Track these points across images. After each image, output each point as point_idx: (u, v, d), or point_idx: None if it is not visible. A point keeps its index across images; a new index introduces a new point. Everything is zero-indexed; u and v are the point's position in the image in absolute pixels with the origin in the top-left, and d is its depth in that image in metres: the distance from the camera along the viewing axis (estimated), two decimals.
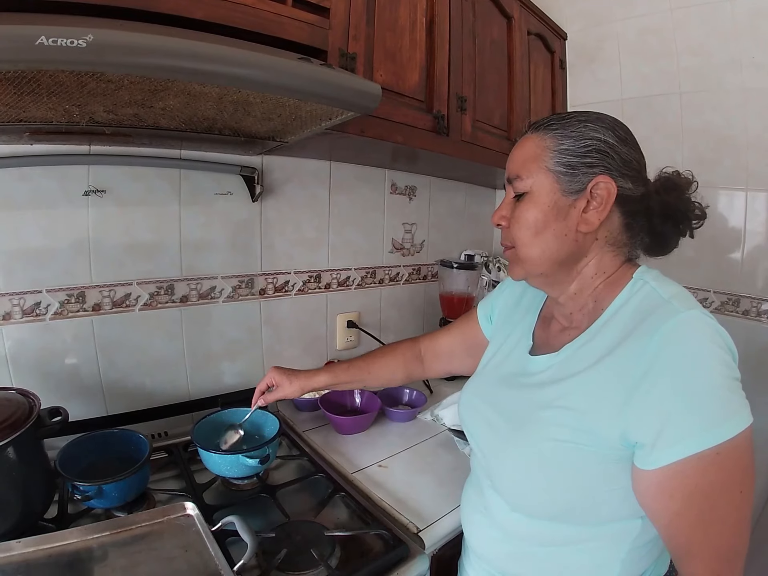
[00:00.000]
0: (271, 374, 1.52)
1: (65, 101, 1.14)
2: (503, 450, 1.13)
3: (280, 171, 2.10)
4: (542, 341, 1.22)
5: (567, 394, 1.02)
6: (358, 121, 1.55)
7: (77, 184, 1.62)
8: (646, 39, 2.62)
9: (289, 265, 2.21)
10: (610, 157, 1.02)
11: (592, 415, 0.96)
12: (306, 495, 1.58)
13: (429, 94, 1.92)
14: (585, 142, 1.03)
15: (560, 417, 1.01)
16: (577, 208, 1.04)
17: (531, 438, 1.05)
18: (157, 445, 1.73)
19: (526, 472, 1.06)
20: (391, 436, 1.95)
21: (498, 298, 1.49)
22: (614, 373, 0.94)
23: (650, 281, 1.02)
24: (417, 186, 2.75)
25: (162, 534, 1.19)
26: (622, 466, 0.95)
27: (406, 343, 1.68)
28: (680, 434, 0.84)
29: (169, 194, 1.82)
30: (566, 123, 1.06)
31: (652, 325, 0.92)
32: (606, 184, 1.01)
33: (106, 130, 1.42)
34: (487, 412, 1.22)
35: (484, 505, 1.22)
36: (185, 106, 1.26)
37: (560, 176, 1.04)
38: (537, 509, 1.07)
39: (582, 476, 0.98)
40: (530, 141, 1.10)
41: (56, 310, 1.62)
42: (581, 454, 0.97)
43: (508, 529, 1.15)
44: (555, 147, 1.05)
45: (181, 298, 1.89)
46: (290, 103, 1.26)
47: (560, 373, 1.07)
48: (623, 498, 0.97)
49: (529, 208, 1.07)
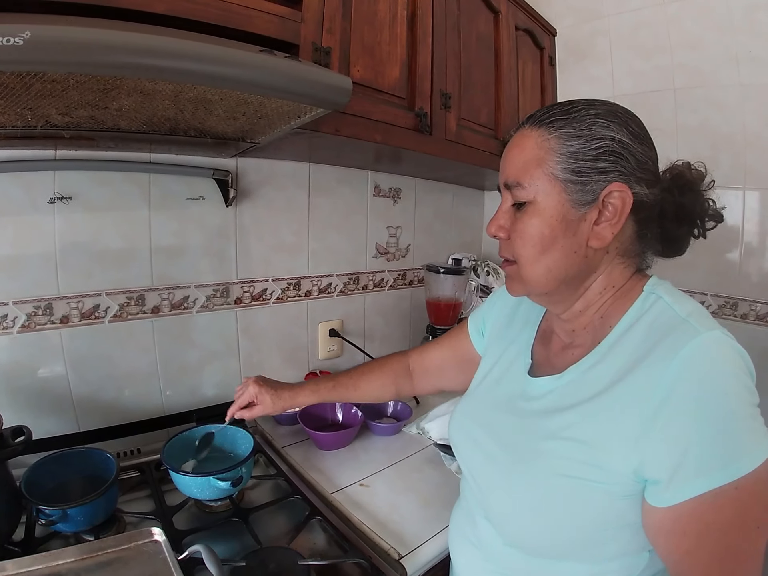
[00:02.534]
0: (253, 389, 1.42)
1: (14, 104, 1.07)
2: (502, 484, 1.04)
3: (255, 173, 2.02)
4: (542, 360, 1.13)
5: (574, 424, 0.93)
6: (331, 119, 1.48)
7: (43, 191, 1.55)
8: (639, 34, 2.56)
9: (267, 272, 2.12)
10: (624, 160, 0.91)
11: (602, 448, 0.87)
12: (281, 518, 1.50)
13: (411, 91, 1.84)
14: (597, 143, 0.91)
15: (567, 450, 0.92)
16: (587, 221, 0.93)
17: (534, 473, 0.97)
18: (129, 464, 1.66)
19: (528, 510, 0.97)
20: (374, 452, 1.88)
21: (490, 310, 1.40)
22: (628, 401, 0.85)
23: (664, 296, 0.93)
24: (401, 188, 2.67)
25: (128, 561, 1.12)
26: (632, 501, 0.86)
27: (395, 357, 1.61)
28: (699, 469, 0.76)
29: (138, 200, 1.74)
30: (573, 118, 0.93)
31: (670, 347, 0.83)
32: (621, 193, 0.90)
33: (64, 134, 1.35)
34: (483, 439, 1.13)
35: (476, 536, 1.14)
36: (141, 106, 1.18)
37: (569, 185, 0.92)
38: (538, 548, 0.99)
39: (589, 514, 0.89)
40: (530, 140, 0.97)
41: (23, 322, 1.55)
42: (589, 491, 0.88)
43: (503, 564, 1.07)
44: (562, 150, 0.92)
45: (152, 308, 1.81)
46: (252, 100, 1.18)
47: (565, 398, 0.98)
48: (632, 534, 0.89)
49: (534, 223, 0.95)
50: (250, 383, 1.43)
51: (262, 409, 1.42)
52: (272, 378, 1.51)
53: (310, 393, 1.46)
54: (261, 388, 1.42)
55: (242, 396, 1.42)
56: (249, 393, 1.42)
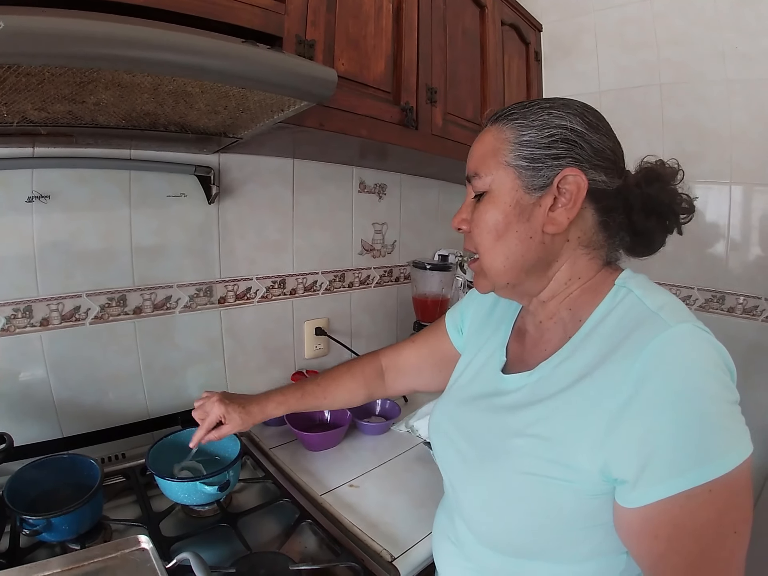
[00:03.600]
0: (219, 409, 1.33)
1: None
2: (471, 481, 1.03)
3: (238, 170, 1.99)
4: (516, 357, 1.12)
5: (540, 420, 0.91)
6: (316, 113, 1.46)
7: (20, 190, 1.51)
8: (625, 30, 2.57)
9: (251, 271, 2.09)
10: (578, 147, 0.92)
11: (568, 445, 0.85)
12: (270, 522, 1.47)
13: (396, 85, 1.81)
14: (549, 131, 0.93)
15: (533, 447, 0.90)
16: (542, 206, 0.94)
17: (501, 470, 0.95)
18: (114, 469, 1.63)
19: (495, 509, 0.96)
20: (363, 451, 1.86)
21: (468, 307, 1.39)
22: (594, 397, 0.83)
23: (635, 289, 0.91)
24: (387, 184, 2.64)
25: (115, 570, 1.09)
26: (602, 500, 0.84)
27: (365, 359, 1.57)
28: (668, 470, 0.74)
29: (118, 198, 1.70)
30: (527, 111, 0.97)
31: (638, 341, 0.81)
32: (575, 177, 0.91)
33: (41, 130, 1.30)
34: (456, 436, 1.12)
35: (454, 534, 1.13)
36: (120, 100, 1.14)
37: (522, 171, 0.94)
38: (508, 547, 0.97)
39: (557, 514, 0.87)
40: (489, 134, 1.01)
41: (3, 326, 1.51)
42: (555, 490, 0.86)
43: (479, 562, 1.05)
44: (515, 139, 0.96)
45: (134, 309, 1.77)
46: (234, 93, 1.14)
47: (534, 394, 0.96)
48: (605, 534, 0.86)
49: (489, 209, 0.98)
50: (215, 403, 1.34)
51: (231, 428, 1.34)
52: (259, 377, 1.48)
53: (277, 405, 1.40)
54: (228, 407, 1.33)
55: (209, 419, 1.34)
56: (215, 414, 1.33)
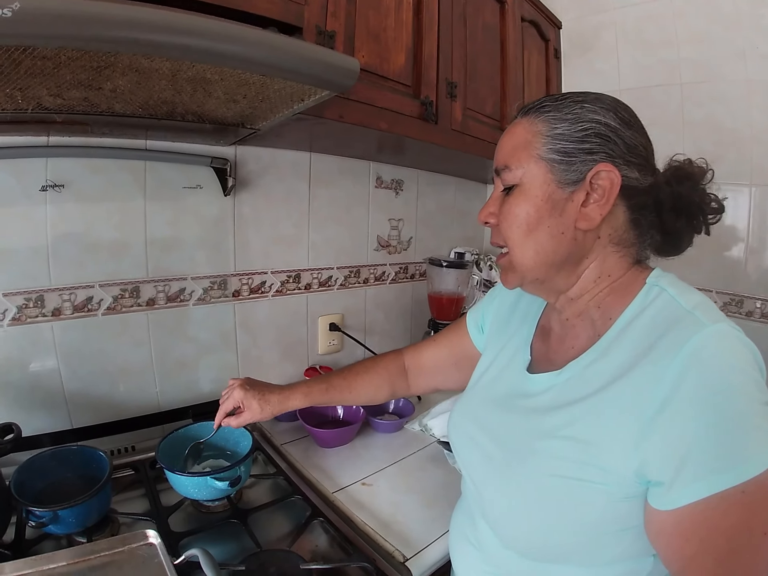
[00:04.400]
0: (238, 394, 1.31)
1: (3, 84, 1.01)
2: (497, 484, 1.01)
3: (255, 162, 1.97)
4: (541, 356, 1.10)
5: (573, 422, 0.89)
6: (335, 104, 1.44)
7: (34, 179, 1.50)
8: (645, 28, 2.53)
9: (266, 265, 2.07)
10: (612, 142, 0.90)
11: (602, 448, 0.83)
12: (281, 519, 1.45)
13: (416, 79, 1.79)
14: (582, 125, 0.91)
15: (564, 449, 0.88)
16: (574, 201, 0.92)
17: (530, 472, 0.93)
18: (123, 462, 1.61)
19: (523, 511, 0.94)
20: (375, 449, 1.83)
21: (490, 305, 1.36)
22: (630, 398, 0.81)
23: (668, 288, 0.89)
24: (404, 179, 2.61)
25: (122, 565, 1.07)
26: (633, 503, 0.82)
27: (389, 356, 1.55)
28: (703, 471, 0.72)
29: (133, 188, 1.68)
30: (560, 104, 0.94)
31: (674, 341, 0.79)
32: (608, 173, 0.89)
33: (57, 118, 1.29)
34: (480, 437, 1.10)
35: (475, 537, 1.10)
36: (137, 87, 1.12)
37: (554, 165, 0.92)
38: (534, 551, 0.95)
39: (588, 517, 0.85)
40: (520, 126, 0.99)
41: (14, 315, 1.50)
42: (588, 492, 0.84)
43: (501, 566, 1.03)
44: (548, 132, 0.93)
45: (147, 301, 1.75)
46: (254, 81, 1.11)
47: (564, 395, 0.94)
48: (634, 537, 0.84)
49: (519, 203, 0.95)
50: (236, 387, 1.33)
51: (250, 416, 1.31)
52: (272, 372, 1.45)
53: (301, 397, 1.37)
54: (247, 393, 1.31)
55: (227, 401, 1.32)
56: (234, 398, 1.31)
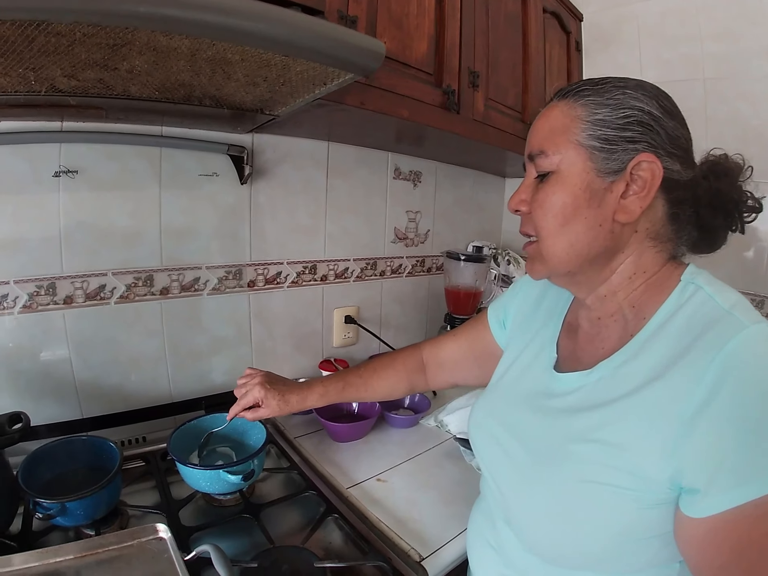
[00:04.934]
0: (259, 392, 1.30)
1: (16, 64, 0.98)
2: (524, 487, 0.97)
3: (272, 151, 1.93)
4: (569, 354, 1.05)
5: (604, 425, 0.85)
6: (357, 90, 1.40)
7: (47, 164, 1.47)
8: (668, 22, 2.47)
9: (282, 255, 2.04)
10: (654, 132, 0.85)
11: (635, 452, 0.79)
12: (295, 515, 1.42)
13: (438, 67, 1.74)
14: (624, 112, 0.86)
15: (596, 453, 0.84)
16: (614, 192, 0.87)
17: (559, 477, 0.89)
18: (134, 453, 1.59)
19: (551, 516, 0.90)
20: (390, 445, 1.80)
21: (512, 300, 1.32)
22: (665, 401, 0.78)
23: (704, 286, 0.85)
24: (422, 171, 2.57)
25: (131, 560, 1.05)
26: (663, 509, 0.79)
27: (407, 351, 1.52)
28: (738, 478, 0.69)
29: (148, 175, 1.65)
30: (601, 89, 0.89)
31: (713, 342, 0.75)
32: (650, 164, 0.84)
33: (71, 101, 1.25)
34: (504, 437, 1.06)
35: (495, 539, 1.07)
36: (154, 67, 1.08)
37: (594, 152, 0.87)
38: (559, 557, 0.92)
39: (617, 523, 0.82)
40: (557, 110, 0.93)
41: (25, 303, 1.48)
42: (618, 498, 0.81)
43: (522, 571, 1.00)
44: (588, 117, 0.88)
45: (161, 290, 1.73)
46: (276, 62, 1.07)
47: (595, 396, 0.90)
48: (663, 544, 0.81)
49: (556, 191, 0.90)
50: (256, 385, 1.32)
51: (267, 413, 1.32)
52: (286, 364, 1.42)
53: (317, 397, 1.37)
54: (268, 392, 1.31)
55: (246, 398, 1.31)
56: (254, 395, 1.31)
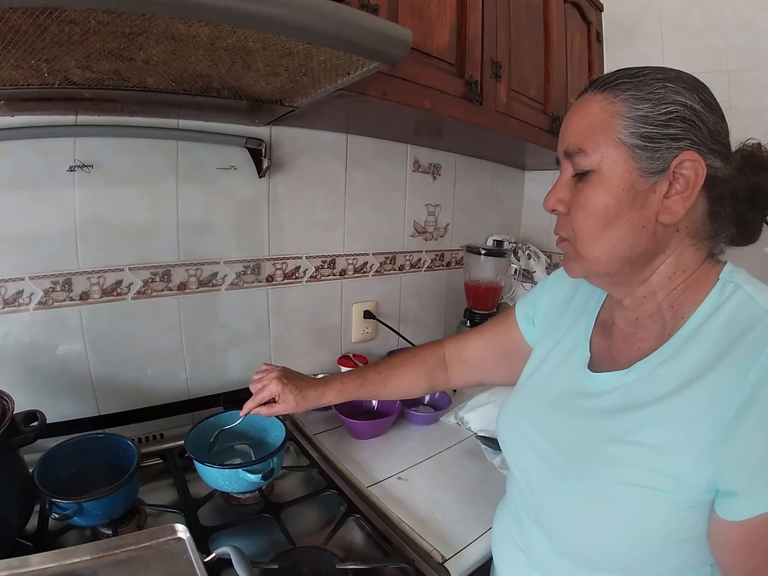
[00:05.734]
0: (276, 387, 1.27)
1: (28, 55, 0.95)
2: (559, 489, 0.94)
3: (290, 144, 1.90)
4: (603, 353, 1.02)
5: (642, 427, 0.82)
6: (380, 81, 1.36)
7: (62, 159, 1.45)
8: (690, 13, 2.42)
9: (301, 249, 2.01)
10: (696, 128, 0.81)
11: (674, 455, 0.77)
12: (315, 514, 1.40)
13: (460, 57, 1.70)
14: (666, 108, 0.81)
15: (634, 455, 0.82)
16: (657, 192, 0.83)
17: (596, 479, 0.87)
18: (151, 450, 1.57)
19: (585, 520, 0.87)
20: (411, 442, 1.77)
21: (542, 297, 1.28)
22: (706, 402, 0.75)
23: (744, 285, 0.83)
24: (441, 164, 2.52)
25: (149, 561, 1.03)
26: (699, 512, 0.77)
27: (428, 348, 1.48)
28: None
29: (164, 169, 1.63)
30: (640, 82, 0.84)
31: (754, 343, 0.73)
32: (693, 162, 0.80)
33: (85, 93, 1.23)
34: (536, 439, 1.03)
35: (524, 541, 1.05)
36: (172, 57, 1.04)
37: (637, 151, 0.82)
38: (593, 560, 0.89)
39: (653, 526, 0.79)
40: (594, 104, 0.88)
41: (40, 299, 1.47)
42: (655, 501, 0.78)
43: (552, 573, 0.98)
44: (629, 113, 0.83)
45: (178, 285, 1.71)
46: (299, 51, 1.03)
47: (633, 397, 0.87)
48: (696, 548, 0.79)
49: (598, 192, 0.86)
50: (273, 379, 1.29)
51: (284, 409, 1.29)
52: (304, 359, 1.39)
53: (336, 393, 1.34)
54: (285, 387, 1.28)
55: (263, 392, 1.28)
56: (270, 391, 1.28)
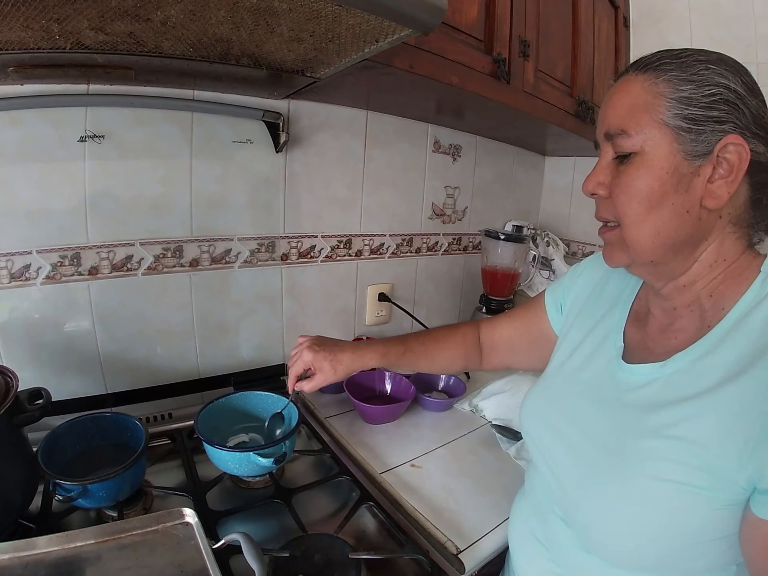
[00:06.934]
0: (308, 356, 1.23)
1: (38, 14, 0.90)
2: (590, 484, 0.91)
3: (309, 118, 1.85)
4: (637, 344, 0.99)
5: (683, 421, 0.80)
6: (407, 53, 1.31)
7: (73, 129, 1.40)
8: (721, 1, 2.35)
9: (317, 228, 1.97)
10: (739, 111, 0.79)
11: (715, 451, 0.75)
12: (327, 501, 1.36)
13: (489, 34, 1.64)
14: (710, 90, 0.79)
15: (673, 450, 0.79)
16: (701, 176, 0.81)
17: (633, 475, 0.84)
18: (159, 430, 1.54)
19: (622, 516, 0.84)
20: (424, 429, 1.73)
21: (572, 285, 1.25)
22: (748, 398, 0.74)
23: None
24: (462, 145, 2.46)
25: (155, 546, 1.00)
26: (734, 510, 0.75)
27: (465, 327, 1.46)
28: None
29: (178, 141, 1.58)
30: (683, 63, 0.82)
31: None
32: (737, 146, 0.78)
33: (98, 59, 1.17)
34: (567, 430, 1.00)
35: (545, 535, 1.02)
36: (191, 18, 0.99)
37: (681, 133, 0.80)
38: (624, 558, 0.86)
39: (688, 524, 0.77)
40: (636, 85, 0.85)
41: (48, 273, 1.43)
42: (694, 498, 0.76)
43: (572, 569, 0.96)
44: (672, 94, 0.81)
45: (190, 261, 1.67)
46: (327, 13, 0.97)
47: (671, 391, 0.85)
48: (727, 547, 0.78)
49: (642, 175, 0.84)
50: (304, 348, 1.24)
51: (324, 379, 1.23)
52: None
53: (378, 357, 1.28)
54: (317, 354, 1.22)
55: (295, 366, 1.24)
56: (303, 361, 1.23)
